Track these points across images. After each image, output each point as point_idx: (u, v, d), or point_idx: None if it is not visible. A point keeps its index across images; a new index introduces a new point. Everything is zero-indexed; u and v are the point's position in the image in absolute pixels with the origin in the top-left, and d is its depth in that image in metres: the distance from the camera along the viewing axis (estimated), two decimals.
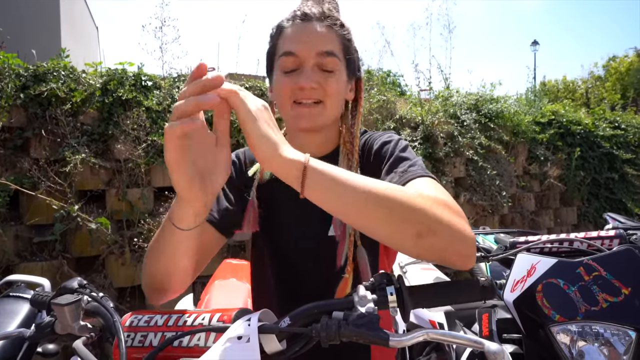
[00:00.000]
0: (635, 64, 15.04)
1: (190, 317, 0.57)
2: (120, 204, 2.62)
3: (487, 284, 0.55)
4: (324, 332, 0.48)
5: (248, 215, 0.80)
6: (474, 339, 0.46)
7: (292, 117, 0.75)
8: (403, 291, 0.53)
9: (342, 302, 0.53)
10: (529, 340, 1.00)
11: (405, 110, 3.81)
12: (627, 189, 4.84)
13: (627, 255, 0.94)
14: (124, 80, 2.80)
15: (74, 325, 0.66)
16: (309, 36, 0.73)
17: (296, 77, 0.72)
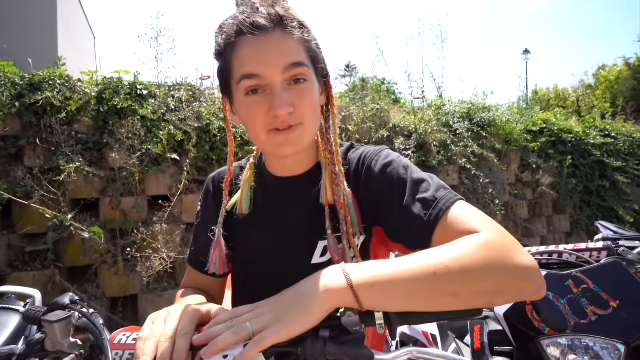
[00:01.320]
0: (625, 73, 15.30)
1: None
2: (114, 212, 2.60)
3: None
4: (309, 351, 0.49)
5: (214, 256, 0.74)
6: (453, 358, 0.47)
7: (271, 146, 0.66)
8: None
9: (329, 321, 0.54)
10: (520, 353, 1.01)
11: (399, 118, 3.84)
12: (619, 196, 4.90)
13: (614, 268, 0.96)
14: (120, 89, 2.80)
15: (64, 342, 0.66)
16: (269, 51, 0.62)
17: (266, 102, 0.63)
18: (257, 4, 0.64)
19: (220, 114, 3.14)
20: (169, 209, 2.58)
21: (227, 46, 0.65)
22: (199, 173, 3.01)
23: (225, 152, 3.03)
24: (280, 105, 0.62)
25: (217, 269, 0.75)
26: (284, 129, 0.64)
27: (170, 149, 2.82)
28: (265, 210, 0.76)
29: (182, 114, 2.99)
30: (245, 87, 0.64)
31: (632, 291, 0.91)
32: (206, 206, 0.81)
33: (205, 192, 0.82)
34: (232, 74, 0.66)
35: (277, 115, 0.62)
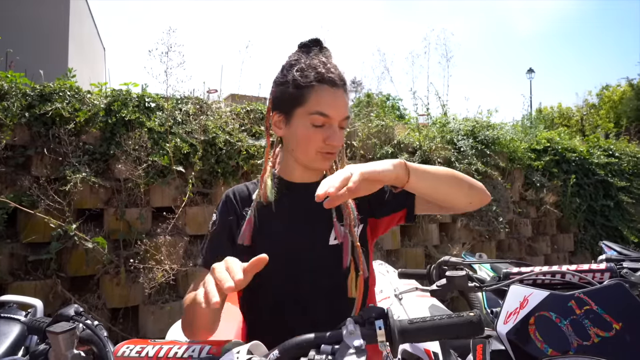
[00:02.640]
0: (628, 93, 15.37)
1: (181, 349, 0.58)
2: (118, 223, 2.62)
3: (476, 320, 0.56)
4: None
5: (245, 230, 0.92)
6: None
7: (314, 161, 0.94)
8: (392, 326, 0.54)
9: (331, 336, 0.54)
10: None
11: (404, 135, 3.87)
12: (623, 216, 4.86)
13: (617, 290, 0.95)
14: (128, 101, 2.86)
15: (68, 353, 0.67)
16: (338, 103, 0.91)
17: (325, 133, 0.90)
18: (329, 64, 0.92)
19: (226, 128, 3.18)
20: (173, 221, 2.59)
21: (308, 85, 0.89)
22: (203, 185, 3.03)
23: (230, 165, 3.06)
24: (338, 140, 0.91)
25: (245, 239, 0.92)
26: (329, 153, 0.93)
27: (176, 161, 2.85)
28: (287, 205, 0.96)
29: (188, 127, 3.03)
30: (315, 119, 0.89)
31: (635, 313, 0.90)
32: (225, 213, 0.96)
33: (225, 201, 0.98)
34: (305, 106, 0.90)
35: (333, 145, 0.91)
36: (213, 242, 0.95)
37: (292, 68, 0.91)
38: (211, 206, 2.99)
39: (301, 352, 0.53)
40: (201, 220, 2.91)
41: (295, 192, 0.97)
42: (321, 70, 0.89)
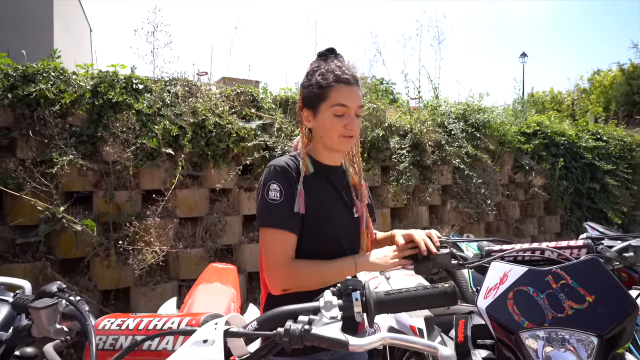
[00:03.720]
0: (619, 78, 15.43)
1: (161, 321, 0.59)
2: (107, 206, 2.61)
3: (450, 291, 0.58)
4: (287, 337, 0.51)
5: (299, 200, 1.12)
6: (428, 344, 0.49)
7: (338, 144, 1.16)
8: (368, 297, 0.56)
9: (308, 307, 0.56)
10: (500, 345, 1.03)
11: (395, 118, 3.87)
12: (608, 199, 4.96)
13: (592, 264, 0.98)
14: (115, 82, 2.80)
15: (50, 328, 0.68)
16: (354, 96, 1.14)
17: (344, 121, 1.13)
18: (346, 69, 1.15)
19: (216, 110, 3.15)
20: (163, 203, 2.58)
21: (329, 85, 1.13)
22: (193, 168, 3.02)
23: (220, 147, 3.04)
24: (355, 125, 1.15)
25: (301, 208, 1.11)
26: (349, 137, 1.15)
27: (165, 143, 2.83)
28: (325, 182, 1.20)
29: (177, 109, 2.99)
30: (337, 110, 1.13)
31: (607, 287, 0.93)
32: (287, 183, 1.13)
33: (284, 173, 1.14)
34: (328, 101, 1.13)
35: (352, 129, 1.14)
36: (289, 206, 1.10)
37: (315, 73, 1.16)
38: (201, 189, 2.99)
39: (279, 323, 0.54)
40: (192, 203, 2.91)
41: (325, 172, 1.22)
42: (338, 72, 1.14)
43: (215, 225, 2.92)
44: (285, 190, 1.11)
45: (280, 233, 1.09)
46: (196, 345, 0.51)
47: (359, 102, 1.16)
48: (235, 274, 1.85)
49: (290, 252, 1.11)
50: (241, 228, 3.06)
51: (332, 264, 1.12)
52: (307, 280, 1.09)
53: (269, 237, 1.09)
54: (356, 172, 1.27)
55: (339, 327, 0.51)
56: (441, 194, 3.98)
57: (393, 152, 3.71)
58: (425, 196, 3.78)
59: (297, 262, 1.10)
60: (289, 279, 1.08)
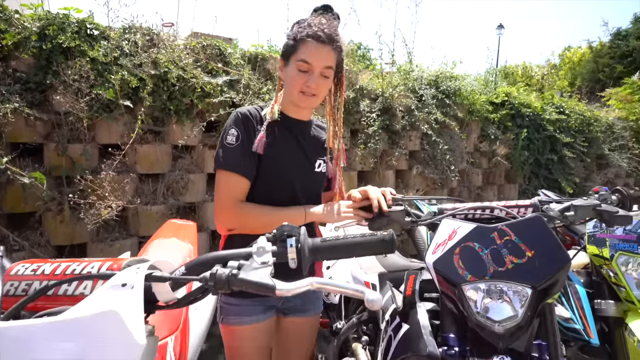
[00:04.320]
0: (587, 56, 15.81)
1: (80, 266, 0.55)
2: (60, 159, 2.46)
3: (387, 238, 0.58)
4: (212, 282, 0.49)
5: (259, 141, 1.13)
6: (355, 288, 0.49)
7: (297, 99, 1.16)
8: (303, 244, 0.55)
9: (240, 253, 0.54)
10: (444, 298, 1.08)
11: (366, 81, 3.80)
12: (564, 169, 5.21)
13: (534, 222, 1.02)
14: (66, 26, 2.56)
15: None
16: (320, 54, 1.11)
17: (306, 78, 1.12)
18: (325, 27, 1.12)
19: (179, 63, 2.97)
20: (119, 158, 2.46)
21: (301, 39, 1.11)
22: (155, 123, 2.88)
23: (184, 102, 2.89)
24: (313, 83, 1.12)
25: (259, 148, 1.13)
26: (310, 95, 1.15)
27: (124, 95, 2.66)
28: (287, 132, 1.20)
29: (137, 60, 2.80)
30: (300, 65, 1.12)
31: (546, 243, 0.98)
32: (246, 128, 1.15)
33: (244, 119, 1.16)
34: (296, 54, 1.12)
35: (309, 87, 1.13)
36: (243, 150, 1.13)
37: (295, 25, 1.15)
38: (164, 145, 2.87)
39: (209, 268, 0.53)
40: (153, 159, 2.80)
41: (290, 124, 1.22)
42: (314, 28, 1.11)
43: (178, 183, 2.84)
44: (242, 136, 1.13)
45: (231, 175, 1.12)
46: (113, 289, 0.48)
47: (326, 63, 1.12)
48: (194, 231, 1.81)
49: (239, 195, 1.14)
50: (205, 186, 2.99)
51: (281, 210, 1.14)
52: (253, 222, 1.12)
53: (220, 179, 1.13)
54: (336, 136, 1.27)
55: (269, 272, 0.50)
56: (408, 159, 4.03)
57: (363, 115, 3.69)
58: (392, 160, 3.82)
59: (245, 204, 1.13)
60: (235, 219, 1.12)
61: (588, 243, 1.54)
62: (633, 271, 1.40)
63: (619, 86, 8.03)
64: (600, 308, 1.52)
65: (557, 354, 0.93)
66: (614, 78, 13.00)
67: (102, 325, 0.44)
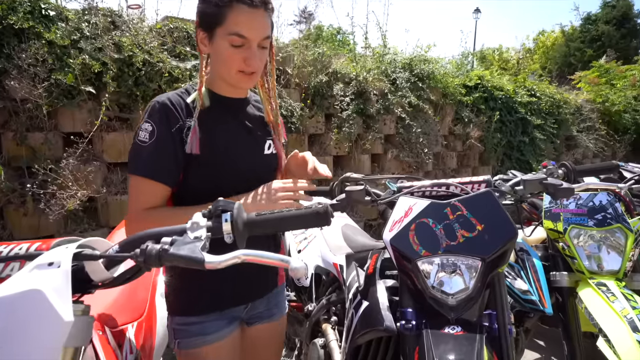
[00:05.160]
0: (560, 40, 16.16)
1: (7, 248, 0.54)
2: (20, 149, 2.37)
3: (322, 211, 0.58)
4: (142, 257, 0.49)
5: (192, 139, 0.96)
6: (280, 258, 0.49)
7: (235, 80, 0.99)
8: (237, 219, 0.55)
9: (174, 229, 0.54)
10: (401, 274, 1.10)
11: (339, 64, 3.78)
12: (535, 151, 5.37)
13: (485, 197, 1.05)
14: (17, 5, 2.43)
15: None
16: (257, 24, 0.94)
17: (243, 54, 0.95)
18: None
19: (144, 46, 2.87)
20: (82, 146, 2.39)
21: (227, 4, 0.91)
22: (121, 110, 2.79)
23: (151, 88, 2.81)
24: (255, 61, 0.96)
25: (194, 148, 0.96)
26: (249, 73, 0.98)
27: (86, 81, 2.56)
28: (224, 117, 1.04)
29: (98, 43, 2.68)
30: (233, 40, 0.93)
31: (495, 216, 1.01)
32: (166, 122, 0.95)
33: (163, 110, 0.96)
34: (224, 25, 0.93)
35: (251, 65, 0.96)
36: (158, 150, 0.94)
37: None
38: (132, 132, 2.79)
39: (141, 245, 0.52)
40: (121, 147, 2.73)
41: (226, 104, 1.05)
42: None
43: None
44: (158, 131, 0.93)
45: (140, 181, 0.93)
46: (38, 269, 0.47)
47: (264, 33, 0.95)
48: None
49: (151, 204, 0.94)
50: None
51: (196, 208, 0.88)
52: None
53: (130, 184, 0.94)
54: (272, 108, 1.12)
55: (200, 247, 0.50)
56: (383, 143, 4.06)
57: (337, 99, 3.67)
58: (367, 144, 3.84)
59: (153, 211, 0.93)
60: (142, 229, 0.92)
61: (544, 218, 1.60)
62: (583, 243, 1.47)
63: (589, 69, 8.27)
64: (555, 279, 1.59)
65: (505, 322, 0.97)
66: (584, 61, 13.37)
67: (25, 304, 0.43)
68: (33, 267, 0.47)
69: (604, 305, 1.35)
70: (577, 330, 1.55)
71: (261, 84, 1.11)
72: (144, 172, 0.93)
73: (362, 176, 1.28)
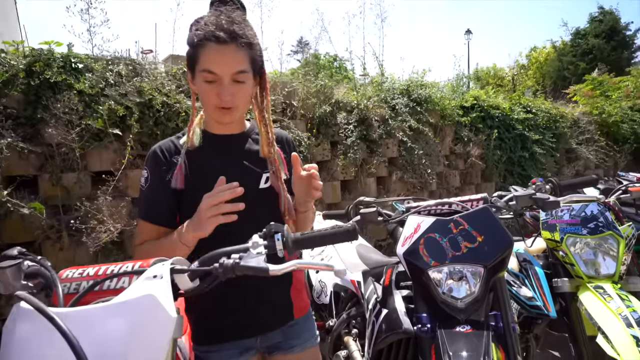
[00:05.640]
0: (552, 55, 16.63)
1: (117, 267, 0.71)
2: (55, 189, 2.57)
3: (351, 229, 0.75)
4: (221, 269, 0.65)
5: (176, 175, 1.03)
6: (326, 264, 0.66)
7: (215, 116, 1.04)
8: (287, 238, 0.71)
9: (240, 248, 0.70)
10: (415, 284, 1.25)
11: (341, 94, 4.02)
12: (536, 165, 5.52)
13: (483, 212, 1.22)
14: (51, 61, 2.69)
15: (15, 284, 0.78)
16: (224, 58, 0.96)
17: (217, 89, 0.98)
18: (224, 21, 0.95)
19: (162, 90, 3.13)
20: (113, 183, 2.59)
21: (198, 44, 0.97)
22: (143, 148, 3.01)
23: (170, 126, 3.04)
24: (225, 96, 0.98)
25: (178, 183, 1.03)
26: (226, 108, 1.01)
27: (112, 124, 2.79)
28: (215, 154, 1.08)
29: (122, 89, 2.94)
30: (205, 76, 0.98)
31: (494, 229, 1.17)
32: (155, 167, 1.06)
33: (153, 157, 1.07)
34: (199, 63, 0.98)
35: (223, 100, 0.98)
36: (151, 194, 1.06)
37: (192, 27, 1.00)
38: None
39: (217, 261, 0.69)
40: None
41: (219, 142, 1.10)
42: (210, 28, 0.94)
43: None
44: (150, 178, 1.05)
45: (139, 222, 1.07)
46: (147, 280, 0.64)
47: (235, 67, 0.96)
48: None
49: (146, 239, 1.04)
50: None
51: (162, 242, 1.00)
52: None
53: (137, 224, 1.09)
54: (269, 142, 1.09)
55: (262, 259, 0.66)
56: (387, 166, 4.24)
57: (341, 127, 3.89)
58: (372, 168, 4.02)
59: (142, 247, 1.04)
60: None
61: (542, 229, 1.75)
62: (579, 250, 1.61)
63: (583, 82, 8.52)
64: (557, 286, 1.72)
65: (509, 320, 1.11)
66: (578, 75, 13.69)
67: (142, 305, 0.60)
68: (144, 278, 0.64)
69: (601, 305, 1.48)
70: (582, 332, 1.66)
71: (259, 119, 1.12)
72: (140, 214, 1.08)
73: (374, 199, 1.44)
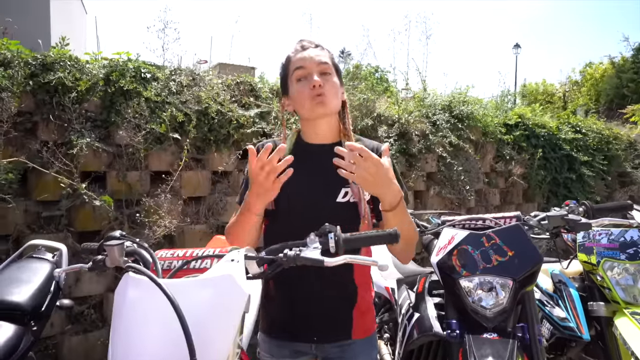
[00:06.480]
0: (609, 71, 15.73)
1: (200, 251, 0.88)
2: (120, 184, 2.88)
3: (393, 232, 0.87)
4: (285, 258, 0.81)
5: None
6: (371, 260, 0.79)
7: (311, 109, 1.11)
8: (338, 236, 0.85)
9: (299, 243, 0.85)
10: (446, 292, 1.35)
11: (383, 108, 4.14)
12: (583, 188, 5.31)
13: (515, 229, 1.30)
14: (125, 71, 3.04)
15: (120, 260, 0.97)
16: (310, 55, 1.13)
17: (309, 82, 1.10)
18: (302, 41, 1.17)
19: (217, 99, 3.40)
20: (171, 183, 2.86)
21: (287, 60, 1.16)
22: (197, 152, 3.29)
23: (222, 133, 3.30)
24: (315, 80, 1.09)
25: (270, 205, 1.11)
26: (318, 96, 1.09)
27: (172, 129, 3.09)
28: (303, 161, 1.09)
29: (183, 97, 3.24)
30: (296, 75, 1.12)
31: (524, 245, 1.25)
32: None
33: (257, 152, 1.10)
34: (289, 74, 1.15)
35: (317, 86, 1.08)
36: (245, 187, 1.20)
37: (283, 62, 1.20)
38: (205, 171, 3.26)
39: (280, 252, 0.84)
40: (195, 184, 3.20)
41: (307, 151, 1.17)
42: (297, 47, 1.16)
43: (217, 204, 3.21)
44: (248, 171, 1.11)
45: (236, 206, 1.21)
46: (226, 262, 0.80)
47: (320, 59, 1.11)
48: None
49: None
50: None
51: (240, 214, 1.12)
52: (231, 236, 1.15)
53: None
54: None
55: (318, 252, 0.80)
56: (425, 181, 4.29)
57: (381, 141, 4.00)
58: (410, 182, 4.09)
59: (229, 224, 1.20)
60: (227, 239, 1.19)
61: (578, 251, 1.76)
62: (617, 275, 1.62)
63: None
64: (593, 309, 1.73)
65: (535, 332, 1.18)
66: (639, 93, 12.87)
67: (223, 283, 0.76)
68: (223, 262, 0.80)
69: (637, 332, 1.49)
70: (617, 358, 1.66)
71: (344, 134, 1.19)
72: (238, 199, 1.24)
73: (411, 211, 1.55)
